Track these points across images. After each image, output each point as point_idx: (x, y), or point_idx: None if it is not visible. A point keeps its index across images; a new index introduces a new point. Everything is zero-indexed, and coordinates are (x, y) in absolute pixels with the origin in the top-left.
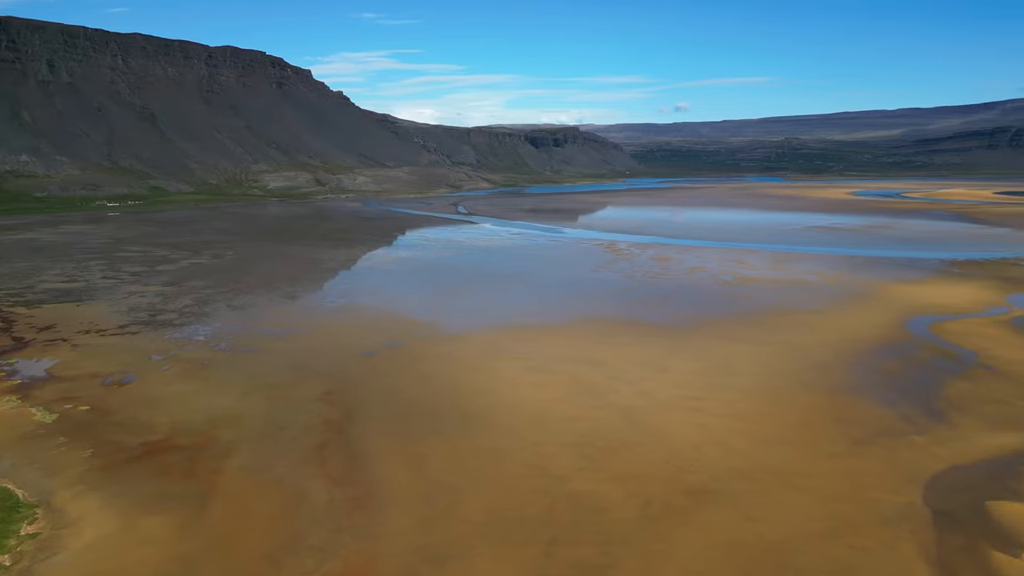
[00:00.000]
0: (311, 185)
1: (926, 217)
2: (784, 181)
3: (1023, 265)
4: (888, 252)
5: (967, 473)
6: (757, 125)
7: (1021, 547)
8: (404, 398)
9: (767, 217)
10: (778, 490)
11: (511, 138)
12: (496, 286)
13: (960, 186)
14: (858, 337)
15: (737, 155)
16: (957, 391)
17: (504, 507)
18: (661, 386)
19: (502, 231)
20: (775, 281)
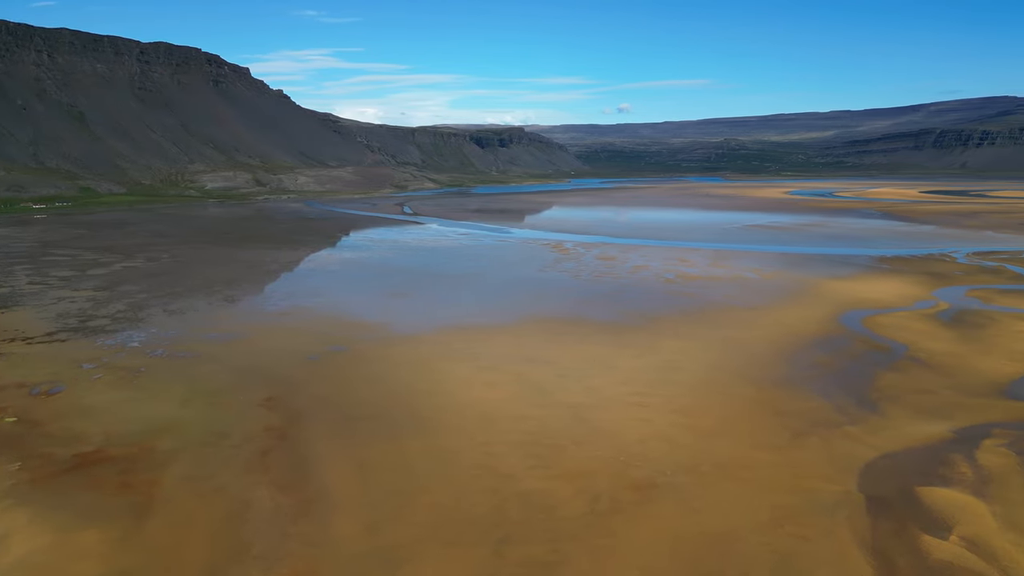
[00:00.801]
0: (251, 185)
1: (857, 215)
2: (723, 181)
3: (947, 261)
4: (822, 249)
5: (898, 460)
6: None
7: (948, 530)
8: (350, 402)
9: (708, 216)
10: (721, 482)
11: (456, 138)
12: (444, 287)
13: (888, 185)
14: (795, 332)
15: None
16: (888, 382)
17: (453, 508)
18: (608, 383)
19: (449, 231)
20: (716, 278)
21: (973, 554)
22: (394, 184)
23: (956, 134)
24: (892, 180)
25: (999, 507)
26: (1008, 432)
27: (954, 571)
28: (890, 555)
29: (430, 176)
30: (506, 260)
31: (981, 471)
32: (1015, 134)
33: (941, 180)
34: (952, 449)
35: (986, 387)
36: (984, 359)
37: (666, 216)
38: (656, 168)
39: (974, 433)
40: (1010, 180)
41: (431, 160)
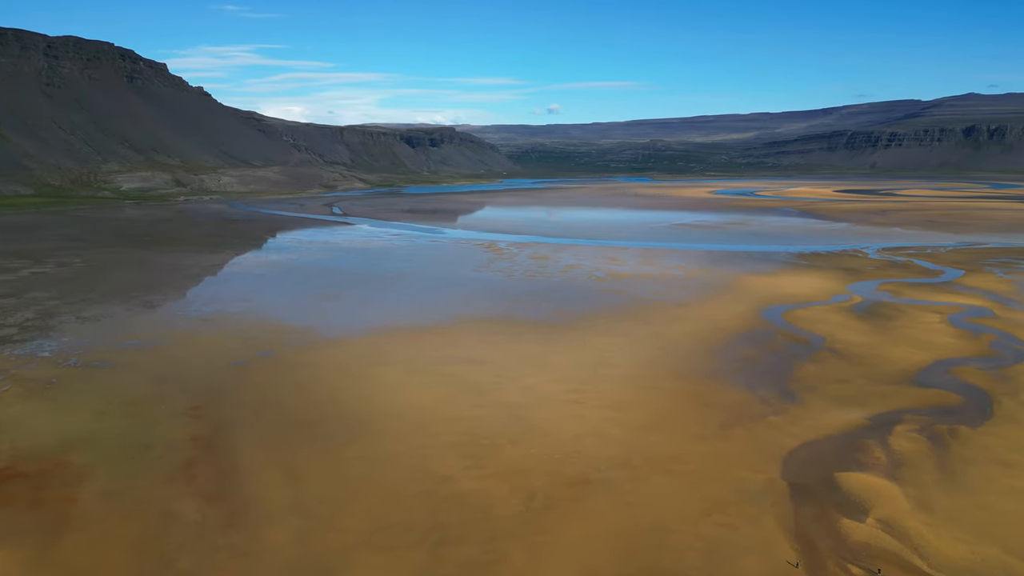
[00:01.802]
0: (170, 186)
1: (777, 213)
2: (650, 181)
3: (860, 257)
4: (745, 246)
5: (818, 448)
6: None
7: (865, 512)
8: (279, 409)
9: (636, 216)
10: (653, 475)
11: (386, 137)
12: (375, 288)
13: (805, 185)
14: (720, 326)
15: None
16: (807, 373)
17: (388, 513)
18: (542, 381)
19: (380, 232)
20: (645, 276)
21: (888, 535)
22: (322, 184)
23: (866, 136)
24: (809, 180)
25: (911, 489)
26: (918, 417)
27: (871, 552)
28: (812, 539)
29: (360, 176)
30: (439, 260)
31: (894, 456)
32: (919, 136)
33: (853, 179)
34: (867, 435)
35: (897, 375)
36: (895, 349)
37: (597, 216)
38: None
39: (887, 419)
40: (915, 179)
41: (361, 160)
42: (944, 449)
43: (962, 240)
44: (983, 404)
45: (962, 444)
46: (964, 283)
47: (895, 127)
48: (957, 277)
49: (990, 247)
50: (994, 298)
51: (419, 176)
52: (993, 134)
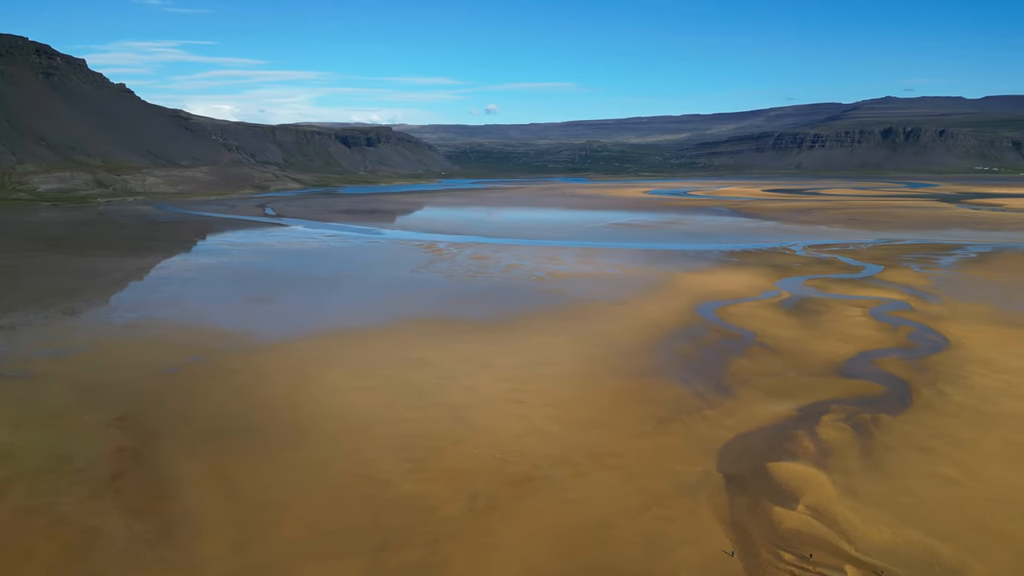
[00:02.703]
0: (91, 187)
1: (709, 213)
2: (587, 182)
3: (788, 254)
4: (679, 245)
5: (750, 440)
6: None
7: (795, 500)
8: (212, 416)
9: (574, 216)
10: (593, 471)
11: (321, 137)
12: (312, 291)
13: (735, 184)
14: (657, 323)
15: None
16: (740, 367)
17: (328, 519)
18: (484, 381)
19: (316, 233)
20: (584, 275)
21: (817, 521)
22: (254, 185)
23: (792, 137)
24: (739, 179)
25: (838, 476)
26: (844, 407)
27: (802, 538)
28: (746, 528)
29: (294, 176)
30: (378, 261)
31: (822, 444)
32: (841, 137)
33: (781, 179)
34: (797, 426)
35: (824, 367)
36: (821, 342)
37: (536, 216)
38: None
39: (815, 410)
40: (838, 179)
41: (294, 160)
42: (868, 437)
43: (881, 237)
44: (903, 393)
45: (884, 432)
46: (884, 278)
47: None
48: (877, 272)
49: (907, 243)
50: (911, 292)
51: (355, 176)
52: (908, 136)
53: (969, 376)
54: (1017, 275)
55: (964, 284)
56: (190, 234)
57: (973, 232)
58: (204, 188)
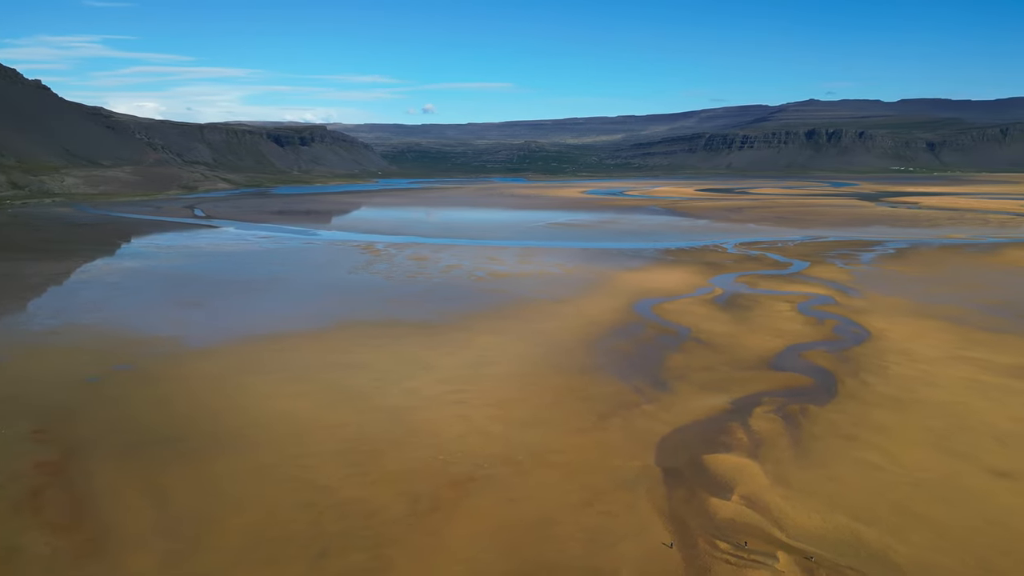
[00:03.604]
0: (4, 188)
1: (645, 212)
2: (526, 182)
3: (720, 251)
4: (617, 244)
5: (687, 433)
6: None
7: (730, 490)
8: (140, 426)
9: (514, 215)
10: (535, 469)
11: (252, 136)
12: (245, 294)
13: (669, 184)
14: (596, 321)
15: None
16: (676, 363)
17: (266, 527)
18: (425, 383)
19: (248, 235)
20: (524, 274)
21: (751, 510)
22: (182, 185)
23: (723, 138)
24: (672, 179)
25: (770, 466)
26: (774, 399)
27: (736, 527)
28: (684, 519)
29: (224, 176)
30: (313, 263)
31: (754, 436)
32: (768, 138)
33: (712, 179)
34: (730, 418)
35: (755, 361)
36: (752, 337)
37: (475, 216)
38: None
39: (747, 403)
40: (766, 178)
41: (224, 159)
42: (797, 427)
43: (807, 234)
44: (829, 384)
45: (812, 422)
46: (810, 274)
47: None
48: (804, 268)
49: (831, 240)
50: (835, 287)
51: (289, 176)
52: (831, 137)
53: (889, 366)
54: (932, 270)
55: (884, 279)
56: (113, 237)
57: (891, 229)
58: (128, 189)
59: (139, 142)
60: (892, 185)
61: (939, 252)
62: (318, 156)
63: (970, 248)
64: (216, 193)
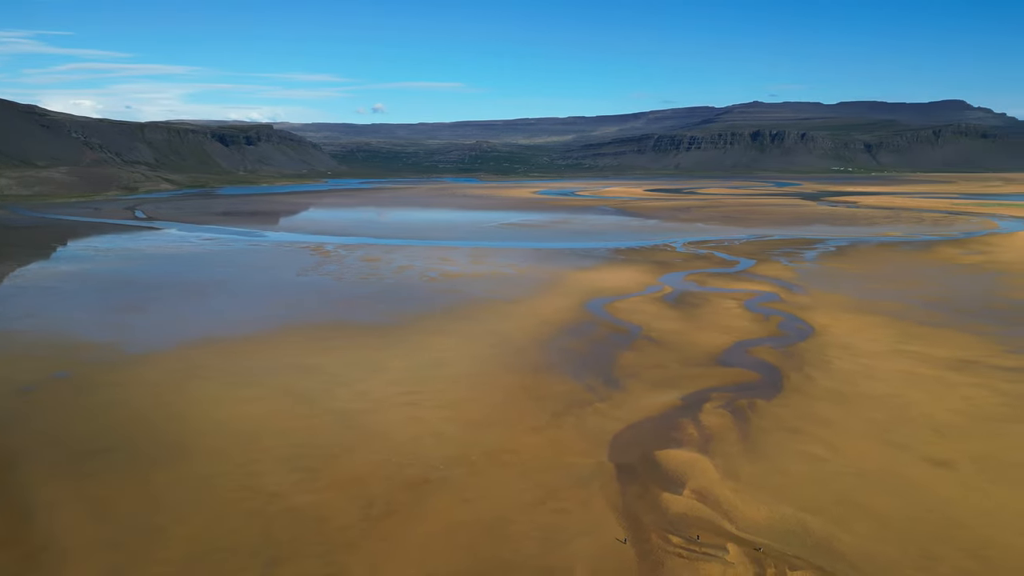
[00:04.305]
0: None
1: (596, 212)
2: (478, 182)
3: (669, 250)
4: (568, 244)
5: (639, 430)
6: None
7: (682, 485)
8: (78, 435)
9: (466, 216)
10: (490, 469)
11: (196, 135)
12: (189, 298)
13: (619, 185)
14: (549, 320)
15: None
16: (628, 360)
17: (213, 537)
18: (377, 385)
19: (192, 237)
20: (477, 275)
21: (702, 504)
22: (122, 186)
23: (671, 139)
24: (622, 180)
25: (720, 460)
26: (723, 395)
27: (688, 521)
28: (637, 515)
29: (166, 177)
30: (261, 265)
31: (704, 431)
32: (715, 139)
33: (661, 179)
34: (681, 414)
35: (704, 358)
36: (701, 334)
37: (427, 216)
38: (413, 169)
39: (697, 398)
40: (713, 178)
41: (167, 159)
42: (745, 422)
43: (753, 233)
44: (775, 379)
45: (760, 416)
46: (756, 272)
47: (695, 131)
48: (750, 266)
49: (775, 239)
50: (780, 284)
51: (235, 176)
52: (774, 138)
53: (832, 361)
54: (871, 267)
55: (826, 276)
56: (49, 239)
57: (832, 227)
58: (64, 190)
59: (76, 141)
60: (832, 185)
61: (877, 250)
62: (265, 156)
63: (906, 246)
64: (158, 194)
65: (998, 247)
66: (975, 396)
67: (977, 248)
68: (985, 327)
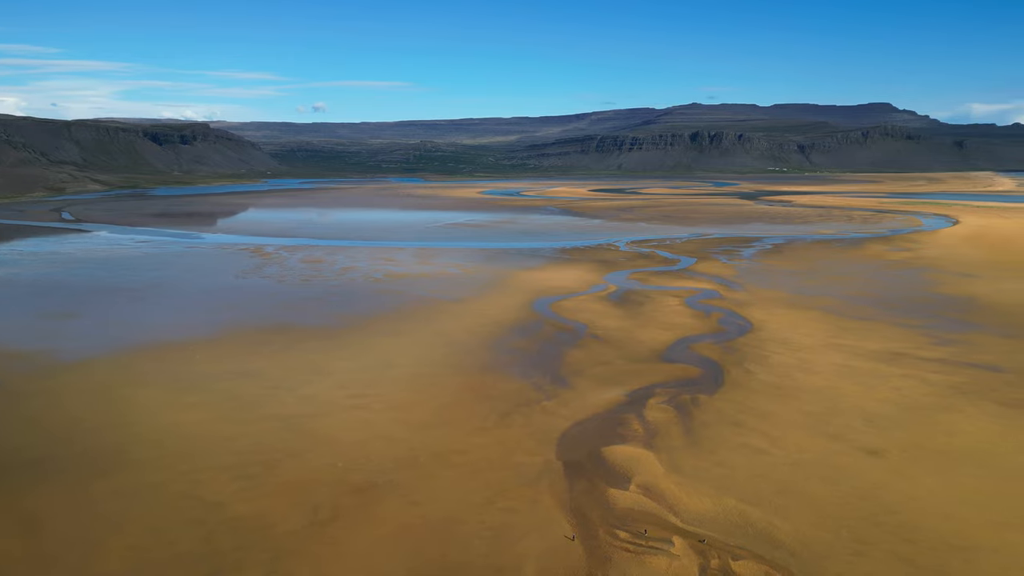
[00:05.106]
0: None
1: (541, 212)
2: (423, 182)
3: (613, 249)
4: (515, 244)
5: (586, 427)
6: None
7: (628, 480)
8: (10, 447)
9: (411, 216)
10: (438, 471)
11: (127, 134)
12: (123, 303)
13: (564, 185)
14: (496, 320)
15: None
16: (574, 358)
17: (152, 549)
18: (323, 389)
19: (124, 239)
20: (423, 275)
21: (647, 498)
22: (47, 187)
23: (613, 140)
24: (567, 180)
25: (664, 455)
26: (667, 390)
27: (634, 516)
28: (585, 511)
29: (95, 177)
30: (199, 268)
31: (649, 426)
32: (656, 140)
33: (604, 180)
34: (627, 411)
35: (648, 354)
36: (645, 331)
37: (371, 216)
38: (356, 169)
39: (642, 394)
40: (654, 179)
41: (96, 159)
42: (688, 416)
43: (693, 232)
44: (716, 374)
45: (702, 410)
46: (696, 269)
47: (636, 132)
48: (691, 264)
49: (714, 237)
50: (720, 281)
51: (169, 176)
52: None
53: (770, 355)
54: (805, 263)
55: (763, 273)
56: None
57: (768, 226)
58: None
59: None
60: (768, 184)
61: (811, 247)
62: (201, 155)
63: (838, 243)
64: (87, 195)
65: (923, 244)
66: (904, 387)
67: (904, 245)
68: (912, 320)
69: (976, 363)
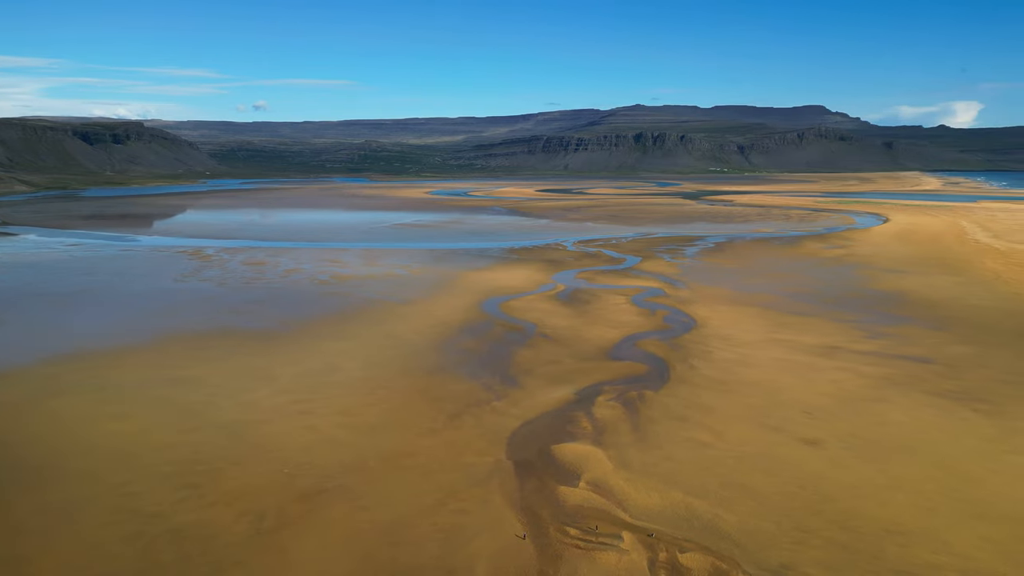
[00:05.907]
0: None
1: (489, 212)
2: (368, 182)
3: (560, 249)
4: (462, 244)
5: (536, 426)
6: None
7: (577, 477)
8: None
9: (357, 216)
10: (387, 474)
11: (55, 133)
12: (51, 309)
13: (511, 185)
14: (444, 321)
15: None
16: (523, 358)
17: (86, 564)
18: (266, 395)
19: (53, 243)
20: (369, 277)
21: (597, 494)
22: None
23: (559, 140)
24: (513, 180)
25: (612, 451)
26: (614, 388)
27: (584, 513)
28: (535, 510)
29: (21, 178)
30: (133, 272)
31: (597, 423)
32: (601, 141)
33: (551, 180)
34: (576, 408)
35: (596, 352)
36: (592, 329)
37: (315, 217)
38: (300, 169)
39: (590, 392)
40: (600, 179)
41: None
42: (635, 413)
43: (638, 231)
44: (662, 370)
45: (648, 406)
46: (641, 268)
47: (581, 133)
48: (636, 263)
49: (659, 236)
50: (664, 279)
51: (101, 177)
52: (656, 140)
53: (713, 351)
54: (746, 261)
55: (706, 271)
56: None
57: (711, 225)
58: None
59: None
60: (710, 184)
61: (751, 245)
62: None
63: (776, 241)
64: (12, 196)
65: (855, 241)
66: (841, 379)
67: (838, 243)
68: (847, 315)
69: (907, 355)
